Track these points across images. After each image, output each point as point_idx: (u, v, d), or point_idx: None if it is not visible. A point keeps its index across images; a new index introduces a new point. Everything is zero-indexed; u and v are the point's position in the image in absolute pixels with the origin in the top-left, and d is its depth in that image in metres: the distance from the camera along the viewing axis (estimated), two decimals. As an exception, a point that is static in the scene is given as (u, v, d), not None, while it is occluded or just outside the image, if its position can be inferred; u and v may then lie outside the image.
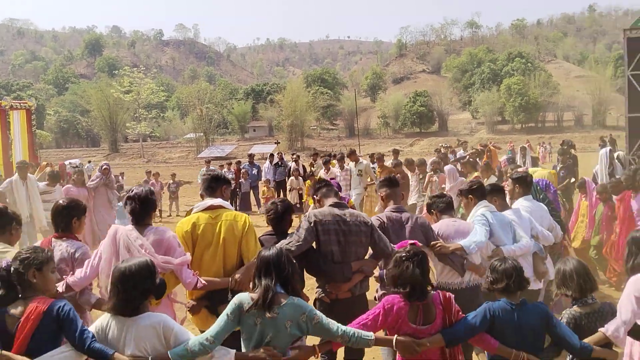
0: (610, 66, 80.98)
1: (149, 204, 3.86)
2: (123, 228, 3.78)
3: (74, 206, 4.07)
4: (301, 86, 77.44)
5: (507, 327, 3.22)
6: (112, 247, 3.70)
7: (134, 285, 2.99)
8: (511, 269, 3.28)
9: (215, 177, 4.29)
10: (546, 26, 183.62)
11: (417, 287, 3.21)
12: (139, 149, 70.03)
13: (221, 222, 3.97)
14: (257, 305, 3.01)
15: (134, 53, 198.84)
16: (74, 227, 4.02)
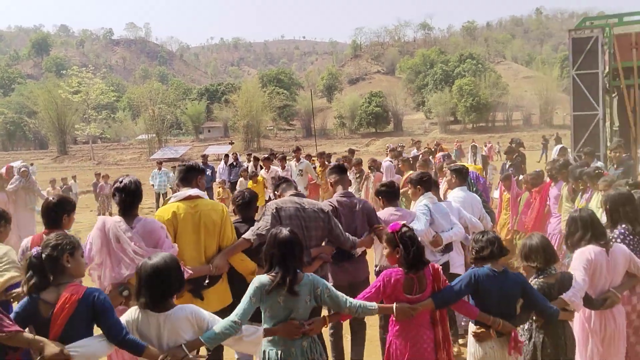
0: (557, 67, 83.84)
1: (137, 195, 3.89)
2: (111, 219, 3.79)
3: (64, 202, 4.11)
4: (257, 86, 77.02)
5: (490, 293, 3.51)
6: (101, 238, 3.71)
7: (165, 281, 3.04)
8: (493, 238, 3.60)
9: (190, 168, 4.38)
10: (495, 28, 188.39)
11: (417, 262, 3.50)
12: (88, 151, 68.05)
13: (200, 212, 4.09)
14: (281, 286, 3.21)
15: (82, 52, 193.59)
16: (64, 223, 4.04)
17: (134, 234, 3.70)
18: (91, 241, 3.77)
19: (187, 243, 4.02)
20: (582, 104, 11.44)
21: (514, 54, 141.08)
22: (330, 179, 5.16)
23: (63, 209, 4.04)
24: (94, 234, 3.75)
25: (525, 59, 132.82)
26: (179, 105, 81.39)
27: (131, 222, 3.78)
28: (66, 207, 4.08)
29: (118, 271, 3.67)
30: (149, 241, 3.73)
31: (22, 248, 4.06)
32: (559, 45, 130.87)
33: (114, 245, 3.67)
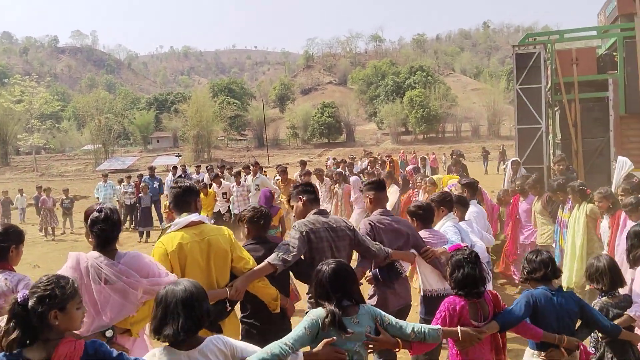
0: (503, 79, 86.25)
1: (118, 227, 3.37)
2: (86, 255, 3.22)
3: (10, 232, 3.55)
4: (207, 96, 76.23)
5: (548, 313, 3.49)
6: (78, 279, 3.04)
7: (199, 308, 2.63)
8: (547, 259, 3.60)
9: (186, 189, 3.85)
10: (445, 41, 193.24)
11: (479, 286, 3.42)
12: (31, 162, 65.58)
13: (208, 239, 3.67)
14: (334, 324, 2.96)
15: (26, 60, 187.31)
16: (10, 257, 3.50)
17: (121, 269, 3.19)
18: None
19: (197, 275, 3.51)
20: (526, 117, 11.70)
21: (462, 66, 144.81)
22: (368, 194, 4.73)
23: (9, 239, 3.50)
24: (67, 274, 3.02)
25: (474, 72, 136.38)
26: (126, 115, 79.65)
27: (112, 258, 3.24)
28: (12, 237, 3.53)
29: (104, 317, 3.17)
30: (130, 279, 3.22)
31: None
32: (506, 58, 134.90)
33: (95, 287, 3.12)
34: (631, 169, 8.32)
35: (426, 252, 4.50)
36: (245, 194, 12.75)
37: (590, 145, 11.76)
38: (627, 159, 8.55)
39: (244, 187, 12.85)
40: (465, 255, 3.48)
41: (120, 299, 3.19)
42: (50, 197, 16.89)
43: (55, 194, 18.46)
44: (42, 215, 16.74)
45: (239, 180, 13.00)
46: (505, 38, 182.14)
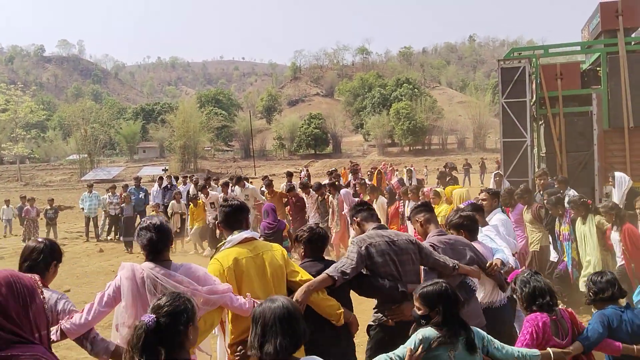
0: (489, 93, 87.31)
1: (168, 235, 3.33)
2: (140, 266, 3.20)
3: (56, 249, 3.40)
4: (194, 106, 76.15)
5: (620, 330, 3.65)
6: (133, 289, 3.10)
7: (299, 325, 2.58)
8: (613, 280, 3.80)
9: (239, 208, 3.89)
10: (431, 54, 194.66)
11: (552, 298, 3.58)
12: (15, 172, 64.92)
13: (262, 254, 3.68)
14: (449, 343, 3.03)
15: (12, 69, 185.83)
16: (48, 274, 3.32)
17: (179, 279, 3.14)
18: (112, 294, 3.17)
19: (253, 290, 3.51)
20: (511, 131, 11.83)
21: (448, 79, 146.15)
22: (418, 218, 4.60)
23: (53, 256, 3.35)
24: (124, 285, 3.12)
25: (459, 85, 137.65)
26: (113, 125, 79.19)
27: (168, 268, 3.21)
28: (57, 255, 3.39)
29: None
30: (190, 291, 3.12)
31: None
32: (491, 71, 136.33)
33: (151, 299, 3.01)
34: (631, 185, 8.64)
35: (490, 266, 4.42)
36: None
37: (574, 158, 11.90)
38: (624, 175, 8.79)
39: (232, 196, 12.79)
40: (527, 274, 3.70)
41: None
42: (34, 207, 16.75)
43: (39, 204, 18.30)
44: (26, 226, 16.56)
45: (226, 191, 12.99)
46: (491, 52, 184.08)
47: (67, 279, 10.86)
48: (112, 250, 14.82)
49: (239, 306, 3.35)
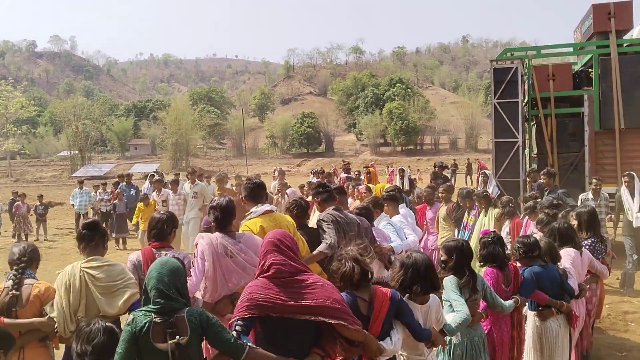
0: (481, 94, 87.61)
1: (231, 211, 4.06)
2: (212, 235, 3.99)
3: (173, 218, 4.29)
4: (186, 104, 75.88)
5: (545, 282, 4.55)
6: (213, 253, 3.88)
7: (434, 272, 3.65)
8: (537, 242, 4.66)
9: (260, 185, 4.82)
10: (424, 54, 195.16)
11: (504, 260, 4.45)
12: (6, 168, 64.43)
13: (280, 224, 4.43)
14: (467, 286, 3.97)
15: (2, 64, 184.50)
16: (170, 238, 4.21)
17: (241, 247, 3.96)
18: (201, 256, 3.89)
19: None
20: (503, 131, 11.86)
21: (441, 79, 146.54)
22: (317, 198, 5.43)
23: (172, 224, 4.23)
24: (206, 250, 3.88)
25: (452, 85, 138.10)
26: (104, 122, 78.72)
27: (233, 238, 4.01)
28: (175, 222, 4.28)
29: (229, 283, 3.94)
30: (248, 255, 3.98)
31: (132, 262, 4.03)
32: (484, 72, 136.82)
33: (223, 260, 3.89)
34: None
35: (378, 247, 5.18)
36: (182, 203, 12.43)
37: (565, 159, 11.97)
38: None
39: (180, 195, 12.53)
40: (490, 238, 4.45)
41: (241, 271, 3.93)
42: (24, 204, 16.59)
43: (29, 200, 18.11)
44: (16, 222, 16.43)
45: (175, 188, 12.72)
46: (484, 52, 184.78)
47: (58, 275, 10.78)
48: (102, 247, 14.72)
49: None
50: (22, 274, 3.69)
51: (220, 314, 3.85)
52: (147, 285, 2.80)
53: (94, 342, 2.67)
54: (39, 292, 3.66)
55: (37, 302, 3.64)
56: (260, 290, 2.97)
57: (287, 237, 3.19)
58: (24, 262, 3.76)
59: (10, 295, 3.56)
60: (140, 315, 2.74)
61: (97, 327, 2.73)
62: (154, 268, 2.84)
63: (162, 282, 2.77)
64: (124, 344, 2.66)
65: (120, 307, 3.58)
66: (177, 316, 2.75)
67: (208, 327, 2.80)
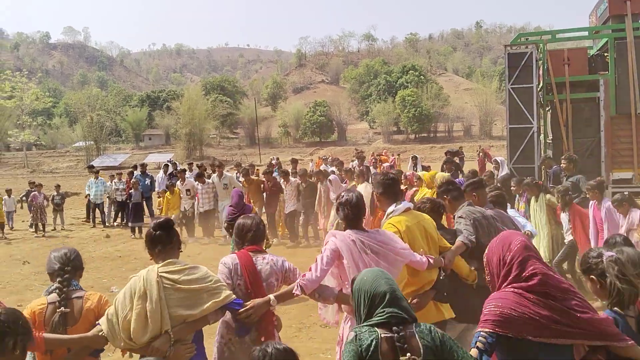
0: (495, 80, 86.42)
1: (362, 208, 3.94)
2: (344, 233, 3.84)
3: (263, 224, 4.18)
4: (199, 93, 75.97)
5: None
6: (352, 248, 3.73)
7: None
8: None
9: (397, 180, 4.58)
10: (437, 40, 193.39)
11: None
12: (22, 159, 65.22)
13: (421, 222, 4.31)
14: None
15: (17, 56, 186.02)
16: (262, 243, 4.10)
17: (383, 240, 3.82)
18: (329, 254, 3.74)
19: (418, 252, 4.19)
20: (518, 117, 11.77)
21: (454, 66, 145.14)
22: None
23: (264, 228, 4.18)
24: (343, 248, 3.72)
25: (466, 72, 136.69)
26: (118, 112, 79.18)
27: (366, 233, 3.87)
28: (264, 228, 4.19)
29: None
30: (391, 246, 3.85)
31: (227, 266, 3.74)
32: (498, 58, 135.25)
33: (364, 257, 3.71)
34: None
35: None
36: (211, 192, 13.17)
37: (581, 145, 11.86)
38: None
39: (209, 184, 13.19)
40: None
41: (387, 265, 3.71)
42: (41, 193, 16.74)
43: (46, 191, 18.30)
44: (33, 212, 16.63)
45: (203, 179, 13.25)
46: (498, 38, 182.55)
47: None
48: (118, 236, 14.90)
49: (418, 261, 3.94)
50: (68, 286, 3.32)
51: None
52: (373, 296, 2.41)
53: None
54: (92, 305, 3.33)
55: (91, 316, 3.30)
56: (516, 305, 2.57)
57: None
58: (69, 273, 3.37)
59: (60, 312, 3.19)
60: (363, 332, 2.32)
61: (275, 348, 2.44)
62: (376, 276, 2.49)
63: (392, 289, 2.41)
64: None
65: (209, 307, 3.25)
66: (408, 331, 2.32)
67: (442, 344, 2.33)
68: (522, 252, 2.69)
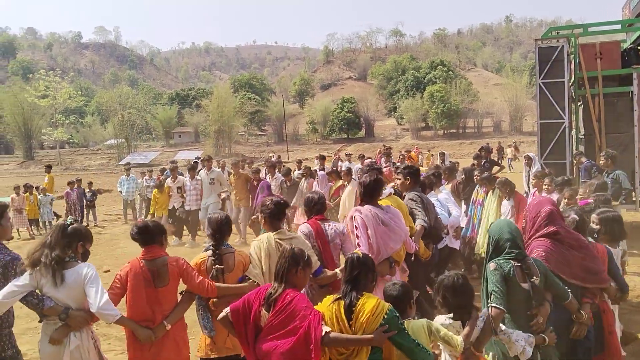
0: (526, 74, 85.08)
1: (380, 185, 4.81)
2: (365, 207, 4.61)
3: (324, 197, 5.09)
4: (228, 91, 76.63)
5: None
6: (374, 222, 4.51)
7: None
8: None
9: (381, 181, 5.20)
10: (466, 35, 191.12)
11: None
12: (55, 156, 66.76)
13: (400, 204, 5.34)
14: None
15: (50, 56, 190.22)
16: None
17: (391, 216, 4.64)
18: (363, 225, 4.49)
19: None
20: (549, 112, 11.57)
21: (484, 61, 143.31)
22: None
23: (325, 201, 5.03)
24: (368, 218, 4.50)
25: (495, 67, 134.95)
26: (149, 110, 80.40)
27: (381, 208, 4.67)
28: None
29: (388, 249, 4.56)
30: (398, 222, 4.68)
31: (304, 233, 4.63)
32: (528, 53, 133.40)
33: (378, 228, 4.50)
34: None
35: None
36: (199, 188, 12.73)
37: (614, 140, 11.59)
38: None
39: (198, 181, 12.79)
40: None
41: (396, 237, 4.62)
42: (74, 190, 16.99)
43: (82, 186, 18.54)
44: (67, 209, 16.98)
45: (193, 175, 12.89)
46: (528, 32, 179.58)
47: (107, 259, 11.19)
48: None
49: (409, 242, 4.90)
50: (220, 245, 4.16)
51: (381, 275, 4.45)
52: (499, 240, 3.63)
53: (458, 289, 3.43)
54: (242, 259, 4.19)
55: (241, 268, 4.15)
56: (550, 246, 3.86)
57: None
58: (221, 234, 4.20)
59: (215, 269, 4.06)
60: (502, 262, 3.54)
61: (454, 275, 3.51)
62: (503, 227, 3.70)
63: (513, 236, 3.60)
64: (500, 284, 3.47)
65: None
66: (528, 262, 3.56)
67: (546, 272, 3.63)
68: (548, 215, 3.91)
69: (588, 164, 9.52)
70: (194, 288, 3.93)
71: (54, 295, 3.52)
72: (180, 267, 3.89)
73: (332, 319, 3.18)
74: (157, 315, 3.81)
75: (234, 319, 3.29)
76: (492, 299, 3.45)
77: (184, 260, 3.99)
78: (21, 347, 6.24)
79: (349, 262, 3.35)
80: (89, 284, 3.51)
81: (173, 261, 3.90)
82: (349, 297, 3.18)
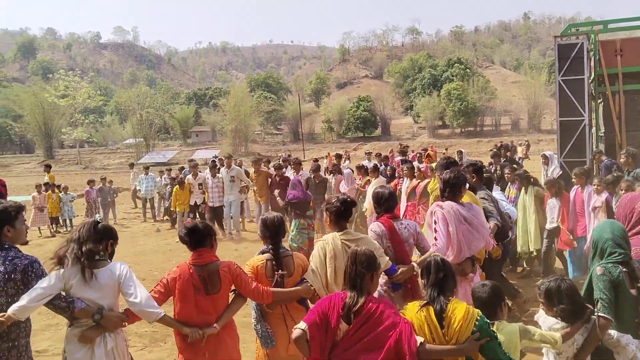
0: (544, 72, 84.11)
1: (463, 181, 4.69)
2: (447, 203, 4.53)
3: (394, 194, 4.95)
4: (245, 90, 76.92)
5: None
6: (456, 219, 4.43)
7: None
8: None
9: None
10: (484, 33, 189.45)
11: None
12: (75, 156, 67.60)
13: (476, 200, 5.45)
14: None
15: (70, 56, 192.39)
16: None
17: (473, 213, 4.58)
18: (444, 221, 4.42)
19: None
20: (568, 110, 11.47)
21: (502, 58, 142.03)
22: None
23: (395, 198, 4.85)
24: (449, 215, 4.42)
25: (514, 64, 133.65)
26: (167, 110, 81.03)
27: (463, 205, 4.59)
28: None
29: (471, 247, 4.50)
30: (480, 219, 4.67)
31: (376, 233, 4.50)
32: (547, 50, 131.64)
33: (460, 227, 4.42)
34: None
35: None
36: (221, 185, 13.01)
37: (634, 138, 11.46)
38: None
39: (219, 179, 13.04)
40: None
41: (479, 235, 4.57)
42: (93, 189, 17.14)
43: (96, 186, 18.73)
44: (87, 207, 17.17)
45: (214, 173, 13.15)
46: (547, 29, 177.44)
47: (127, 257, 11.29)
48: (168, 231, 15.26)
49: (489, 240, 4.87)
50: (279, 249, 4.03)
51: (464, 274, 4.40)
52: (598, 241, 3.49)
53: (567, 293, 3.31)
54: (301, 262, 4.07)
55: (300, 272, 4.01)
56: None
57: None
58: (277, 237, 4.07)
59: (278, 274, 3.91)
60: (610, 267, 3.37)
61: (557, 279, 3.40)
62: (603, 227, 3.56)
63: (614, 235, 3.46)
64: (608, 291, 3.32)
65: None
66: (633, 265, 3.41)
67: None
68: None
69: (608, 162, 9.42)
70: (249, 294, 3.77)
71: (83, 295, 3.39)
72: (234, 274, 3.74)
73: (422, 327, 2.98)
74: (207, 323, 3.66)
75: (312, 334, 2.97)
76: (600, 308, 3.26)
77: (237, 266, 3.83)
78: (42, 344, 6.47)
79: (434, 264, 3.14)
80: (126, 282, 3.44)
81: (225, 267, 3.74)
82: (439, 303, 2.99)
